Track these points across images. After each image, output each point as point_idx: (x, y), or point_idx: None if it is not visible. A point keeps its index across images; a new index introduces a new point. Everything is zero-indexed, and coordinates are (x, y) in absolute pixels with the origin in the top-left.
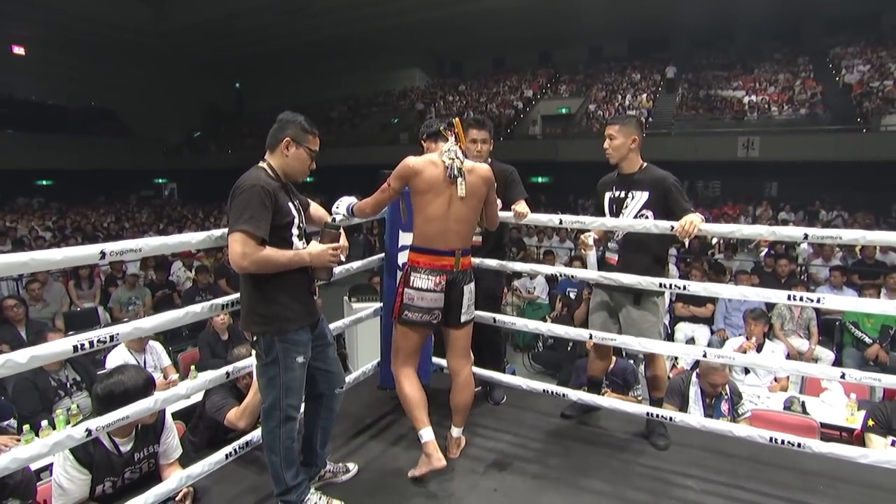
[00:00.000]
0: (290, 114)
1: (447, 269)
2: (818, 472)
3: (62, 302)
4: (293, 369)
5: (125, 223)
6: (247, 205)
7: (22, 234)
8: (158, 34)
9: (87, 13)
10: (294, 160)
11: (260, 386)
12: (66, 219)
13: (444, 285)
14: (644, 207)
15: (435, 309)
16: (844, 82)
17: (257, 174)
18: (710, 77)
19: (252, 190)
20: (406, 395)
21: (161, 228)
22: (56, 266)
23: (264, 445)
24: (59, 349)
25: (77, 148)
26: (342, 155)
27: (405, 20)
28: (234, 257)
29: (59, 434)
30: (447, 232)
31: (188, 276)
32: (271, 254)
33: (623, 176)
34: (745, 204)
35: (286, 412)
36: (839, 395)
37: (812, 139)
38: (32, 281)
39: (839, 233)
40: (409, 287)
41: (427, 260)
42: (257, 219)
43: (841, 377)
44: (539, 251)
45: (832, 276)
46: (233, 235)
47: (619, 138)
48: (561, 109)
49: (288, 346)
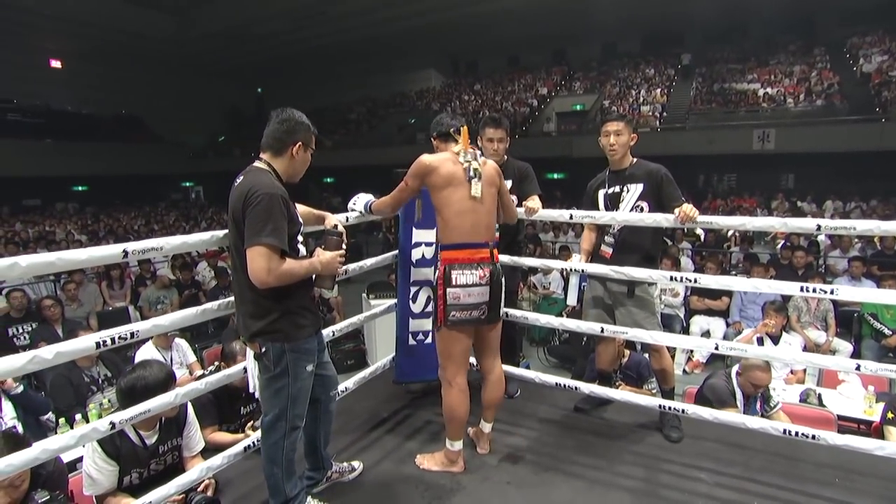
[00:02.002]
0: (293, 112)
1: (486, 261)
2: (833, 465)
3: (96, 302)
4: (302, 379)
5: (154, 225)
6: (269, 215)
7: (60, 237)
8: (183, 42)
9: (116, 25)
10: (301, 163)
11: (264, 398)
12: (99, 222)
13: (488, 278)
14: (639, 199)
15: (482, 304)
16: (862, 72)
17: (269, 179)
18: (724, 71)
19: (273, 199)
20: (452, 407)
21: (187, 230)
22: (81, 265)
23: (264, 457)
24: (83, 345)
25: (109, 154)
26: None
27: (420, 22)
28: (259, 273)
29: (84, 427)
30: (478, 224)
31: (213, 276)
32: (292, 266)
33: (615, 172)
34: (761, 197)
35: (292, 423)
36: (857, 387)
37: (829, 130)
38: (69, 282)
39: (853, 223)
40: (453, 286)
41: (466, 255)
42: (280, 230)
43: (856, 369)
44: (555, 246)
45: (851, 266)
46: (256, 249)
47: (625, 135)
48: (575, 106)
49: (298, 356)
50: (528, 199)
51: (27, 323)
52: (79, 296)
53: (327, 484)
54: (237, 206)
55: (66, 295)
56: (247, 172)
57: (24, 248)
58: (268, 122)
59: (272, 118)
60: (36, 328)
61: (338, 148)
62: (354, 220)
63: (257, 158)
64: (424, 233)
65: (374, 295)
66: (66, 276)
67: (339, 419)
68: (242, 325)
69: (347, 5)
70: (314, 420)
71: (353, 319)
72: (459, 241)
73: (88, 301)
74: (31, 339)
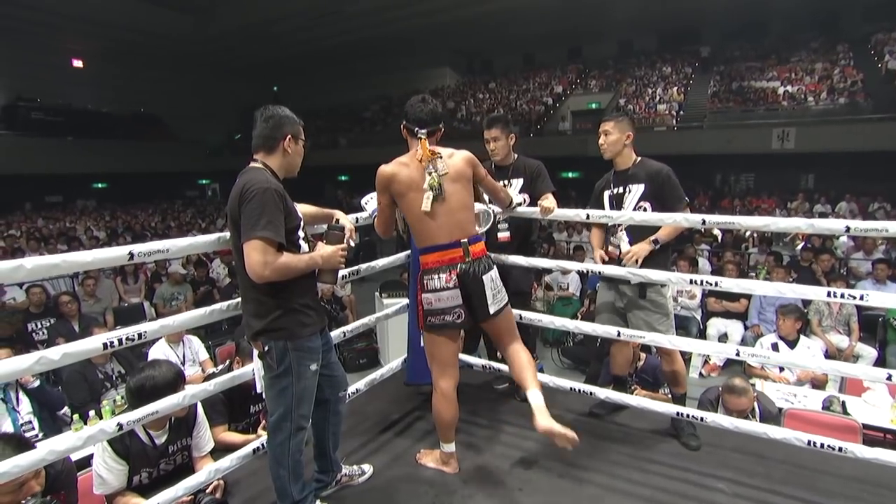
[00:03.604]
0: (276, 109)
1: (456, 261)
2: (861, 478)
3: (112, 298)
4: (306, 378)
5: (171, 222)
6: (263, 209)
7: (80, 233)
8: (199, 41)
9: (135, 24)
10: (296, 156)
11: (268, 398)
12: (117, 219)
13: (455, 280)
14: (641, 199)
15: (454, 308)
16: (888, 69)
17: (263, 176)
18: (742, 69)
19: (266, 193)
20: (439, 411)
21: (203, 227)
22: (86, 267)
23: (271, 459)
24: (90, 346)
25: (127, 152)
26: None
27: (435, 20)
28: (255, 267)
29: (91, 428)
30: (446, 224)
31: (227, 273)
32: (289, 259)
33: (618, 172)
34: (780, 197)
35: (297, 423)
36: (883, 395)
37: (851, 129)
38: (87, 278)
39: (884, 225)
40: (426, 291)
41: (435, 258)
42: (275, 224)
43: (888, 378)
44: (569, 246)
45: (875, 269)
46: (251, 243)
47: (615, 134)
48: (591, 104)
49: (301, 354)
50: (543, 198)
51: (45, 318)
52: (95, 292)
53: (336, 487)
54: (234, 206)
55: (83, 291)
56: (243, 173)
57: (45, 244)
58: (253, 125)
59: (257, 119)
60: (53, 324)
61: (352, 146)
62: (365, 221)
63: (252, 160)
64: None
65: (388, 294)
66: (84, 273)
67: (350, 421)
68: (246, 324)
69: (362, 4)
70: (323, 421)
71: (364, 320)
72: (429, 244)
73: (105, 297)
74: (48, 334)
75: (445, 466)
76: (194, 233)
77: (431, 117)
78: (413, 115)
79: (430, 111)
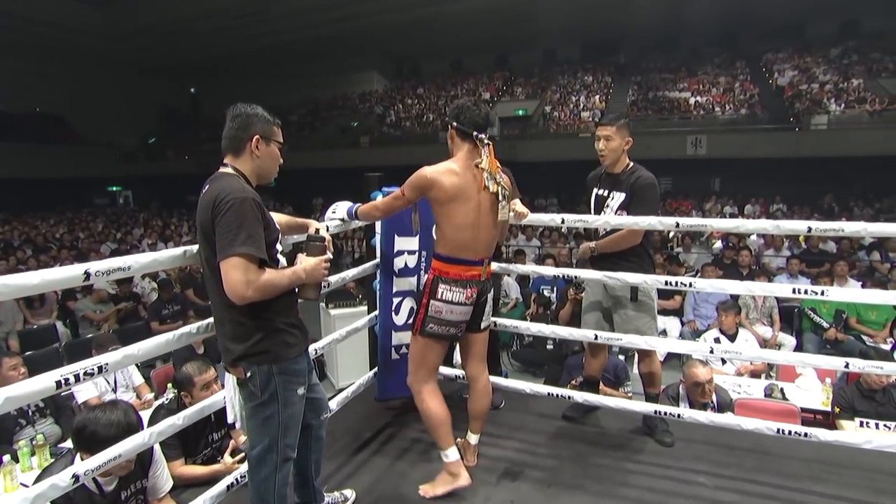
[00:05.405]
0: (245, 106)
1: (476, 279)
2: (819, 460)
3: (15, 320)
4: (293, 404)
5: (80, 233)
6: (241, 222)
7: None
8: (110, 37)
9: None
10: (267, 159)
11: (250, 428)
12: (13, 230)
13: (474, 298)
14: (620, 208)
15: (461, 322)
16: (777, 85)
17: (238, 183)
18: (657, 79)
19: (244, 204)
20: (430, 412)
21: (119, 238)
22: (34, 291)
23: (253, 495)
24: (40, 387)
25: (21, 155)
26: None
27: (363, 24)
28: (236, 287)
29: (41, 485)
30: (477, 241)
31: (153, 287)
32: (273, 276)
33: (609, 174)
34: (695, 199)
35: (284, 454)
36: (813, 380)
37: (752, 137)
38: None
39: (841, 225)
40: (437, 299)
41: (457, 271)
42: (255, 238)
43: (845, 366)
44: (508, 250)
45: (789, 264)
46: (230, 261)
47: (616, 140)
48: (518, 111)
49: (288, 378)
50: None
51: None
52: None
53: None
54: (206, 218)
55: None
56: (212, 180)
57: None
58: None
59: (227, 117)
60: None
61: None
62: (336, 229)
63: (221, 164)
64: (407, 240)
65: (334, 304)
66: None
67: None
68: (224, 349)
69: (288, 5)
70: (304, 449)
71: (334, 335)
72: (454, 256)
73: (7, 320)
74: None
75: (458, 481)
76: (109, 244)
77: (489, 122)
78: (469, 118)
79: (486, 114)
